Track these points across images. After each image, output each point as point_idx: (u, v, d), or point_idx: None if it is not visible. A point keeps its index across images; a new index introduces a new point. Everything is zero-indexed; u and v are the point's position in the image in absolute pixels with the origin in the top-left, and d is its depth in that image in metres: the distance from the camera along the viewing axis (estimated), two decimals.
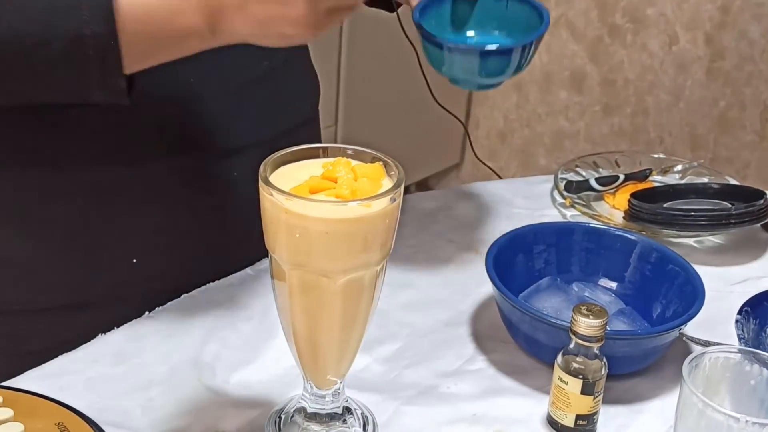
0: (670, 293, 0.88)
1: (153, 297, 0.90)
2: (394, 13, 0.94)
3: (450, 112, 1.13)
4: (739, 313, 0.83)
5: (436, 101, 1.13)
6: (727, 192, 1.15)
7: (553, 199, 1.17)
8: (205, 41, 0.73)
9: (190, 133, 0.89)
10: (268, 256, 0.68)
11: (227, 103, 0.91)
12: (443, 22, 0.91)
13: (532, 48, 0.86)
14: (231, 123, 0.91)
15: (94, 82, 0.72)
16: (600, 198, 1.18)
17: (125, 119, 0.84)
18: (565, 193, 1.16)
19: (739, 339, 0.80)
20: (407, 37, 0.95)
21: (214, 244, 0.93)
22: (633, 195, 1.12)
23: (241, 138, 0.92)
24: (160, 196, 0.89)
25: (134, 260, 0.89)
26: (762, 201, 1.06)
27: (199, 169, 0.90)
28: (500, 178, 1.31)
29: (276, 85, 0.96)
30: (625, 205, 1.12)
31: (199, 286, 0.92)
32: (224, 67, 0.89)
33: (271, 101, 0.95)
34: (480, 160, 1.32)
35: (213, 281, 0.93)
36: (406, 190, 0.94)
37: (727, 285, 0.98)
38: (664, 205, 1.12)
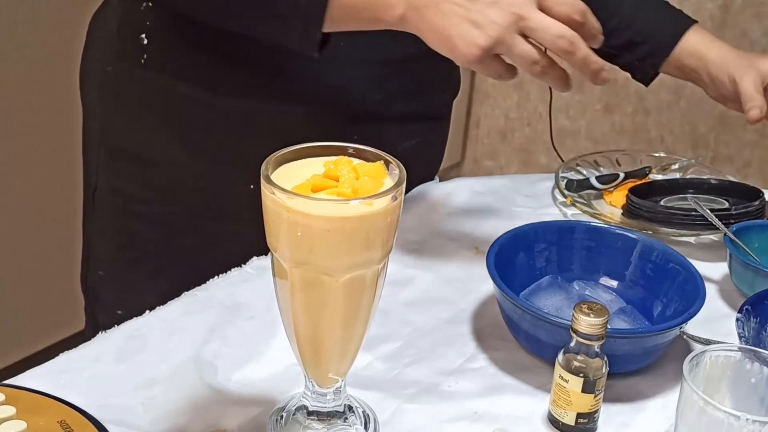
0: (670, 292, 0.88)
1: None
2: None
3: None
4: (740, 311, 0.83)
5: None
6: (724, 188, 1.15)
7: (554, 198, 1.17)
8: (391, 26, 0.84)
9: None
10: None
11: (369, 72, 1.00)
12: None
13: None
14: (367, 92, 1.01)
15: (296, 29, 0.85)
16: (600, 196, 1.18)
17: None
18: (566, 192, 1.16)
19: (740, 337, 0.80)
20: None
21: None
22: (631, 191, 1.12)
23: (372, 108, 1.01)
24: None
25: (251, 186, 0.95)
26: (760, 200, 1.07)
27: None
28: None
29: (421, 67, 1.03)
30: (622, 201, 1.12)
31: None
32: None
33: (413, 83, 1.04)
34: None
35: None
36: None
37: (727, 283, 0.98)
38: (662, 202, 1.12)
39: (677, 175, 1.23)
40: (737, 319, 0.82)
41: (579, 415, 0.75)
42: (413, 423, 0.77)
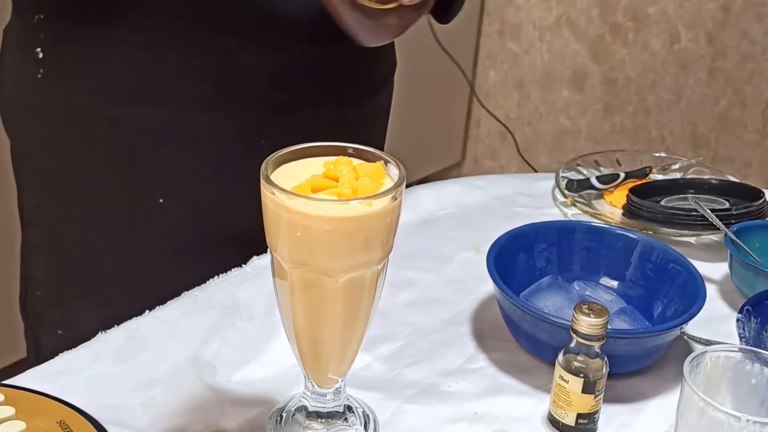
0: (671, 292, 0.88)
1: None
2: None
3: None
4: (740, 312, 0.83)
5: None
6: (724, 188, 1.15)
7: (554, 198, 1.17)
8: None
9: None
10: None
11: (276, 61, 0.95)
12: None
13: None
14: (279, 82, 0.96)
15: None
16: (601, 196, 1.18)
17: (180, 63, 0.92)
18: (566, 192, 1.16)
19: (741, 338, 0.80)
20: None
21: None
22: (631, 190, 1.12)
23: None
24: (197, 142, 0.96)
25: (160, 200, 0.95)
26: (760, 200, 1.07)
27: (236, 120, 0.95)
28: None
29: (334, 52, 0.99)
30: (623, 201, 1.12)
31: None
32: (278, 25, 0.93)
33: (326, 67, 0.99)
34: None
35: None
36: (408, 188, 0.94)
37: (728, 284, 0.98)
38: (663, 202, 1.12)
39: (678, 175, 1.23)
40: (738, 320, 0.82)
41: (579, 416, 0.75)
42: (413, 423, 0.77)
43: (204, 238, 0.98)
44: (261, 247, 0.90)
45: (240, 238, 0.94)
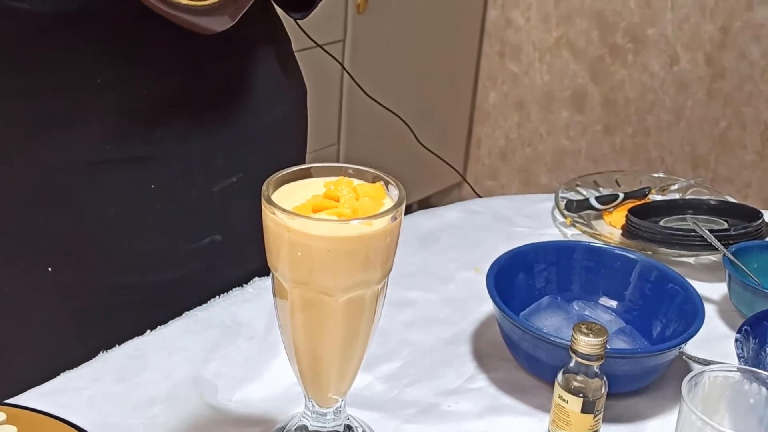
0: (670, 312, 0.88)
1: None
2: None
3: (439, 157, 1.15)
4: (739, 332, 0.83)
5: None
6: (723, 209, 1.15)
7: (554, 218, 1.17)
8: None
9: None
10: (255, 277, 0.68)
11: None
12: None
13: None
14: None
15: None
16: (600, 217, 1.18)
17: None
18: (565, 212, 1.16)
19: (739, 358, 0.80)
20: None
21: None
22: (630, 211, 1.13)
23: None
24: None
25: (49, 269, 0.87)
26: (760, 220, 1.07)
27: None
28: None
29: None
30: (622, 221, 1.13)
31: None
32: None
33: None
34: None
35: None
36: (409, 209, 0.94)
37: (727, 304, 0.99)
38: (661, 223, 1.13)
39: (676, 196, 1.24)
40: (736, 340, 0.82)
41: None
42: None
43: (101, 304, 0.90)
44: (171, 312, 0.90)
45: (143, 299, 0.90)
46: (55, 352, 0.87)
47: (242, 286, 0.96)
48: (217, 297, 0.94)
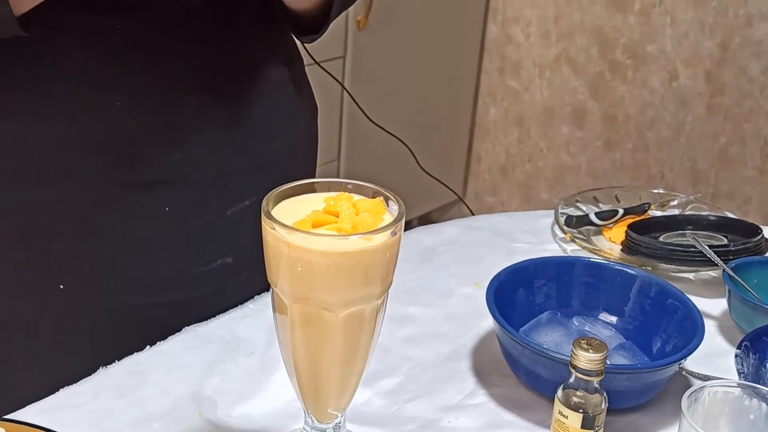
0: (670, 328, 0.88)
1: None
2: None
3: (437, 179, 1.15)
4: (739, 347, 0.83)
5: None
6: (722, 225, 1.16)
7: (554, 234, 1.17)
8: None
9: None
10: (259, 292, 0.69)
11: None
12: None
13: None
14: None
15: None
16: (600, 233, 1.18)
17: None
18: (565, 228, 1.16)
19: (739, 373, 0.80)
20: None
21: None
22: (630, 227, 1.13)
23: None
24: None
25: (61, 286, 0.87)
26: (759, 236, 1.07)
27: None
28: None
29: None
30: (622, 237, 1.13)
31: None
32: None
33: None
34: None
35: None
36: (409, 225, 0.94)
37: (726, 319, 0.99)
38: (661, 238, 1.13)
39: (676, 212, 1.24)
40: (736, 355, 0.82)
41: None
42: None
43: (111, 322, 0.90)
44: (169, 327, 0.90)
45: (150, 320, 0.90)
46: (58, 368, 0.87)
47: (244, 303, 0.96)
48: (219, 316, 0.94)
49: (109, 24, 0.82)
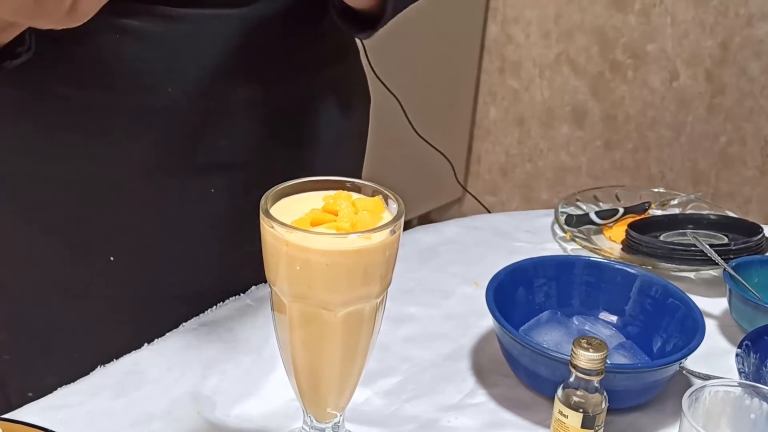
0: (670, 327, 0.88)
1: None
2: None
3: (439, 151, 1.14)
4: (740, 347, 0.83)
5: (421, 137, 1.13)
6: (723, 224, 1.15)
7: (554, 233, 1.17)
8: None
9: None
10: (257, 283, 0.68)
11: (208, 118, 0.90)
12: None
13: None
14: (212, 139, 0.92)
15: None
16: (600, 232, 1.18)
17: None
18: (565, 227, 1.16)
19: (740, 373, 0.80)
20: None
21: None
22: (630, 226, 1.12)
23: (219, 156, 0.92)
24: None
25: (111, 258, 0.91)
26: (760, 235, 1.07)
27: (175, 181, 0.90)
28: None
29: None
30: (622, 236, 1.12)
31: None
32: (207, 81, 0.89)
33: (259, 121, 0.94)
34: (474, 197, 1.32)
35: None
36: (409, 224, 0.94)
37: (727, 319, 0.98)
38: (661, 238, 1.12)
39: (676, 211, 1.24)
40: (737, 355, 0.82)
41: None
42: None
43: (157, 296, 0.94)
44: (212, 303, 0.94)
45: (194, 294, 0.94)
46: (101, 342, 0.90)
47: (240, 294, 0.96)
48: (214, 307, 0.94)
49: (166, 17, 0.84)
